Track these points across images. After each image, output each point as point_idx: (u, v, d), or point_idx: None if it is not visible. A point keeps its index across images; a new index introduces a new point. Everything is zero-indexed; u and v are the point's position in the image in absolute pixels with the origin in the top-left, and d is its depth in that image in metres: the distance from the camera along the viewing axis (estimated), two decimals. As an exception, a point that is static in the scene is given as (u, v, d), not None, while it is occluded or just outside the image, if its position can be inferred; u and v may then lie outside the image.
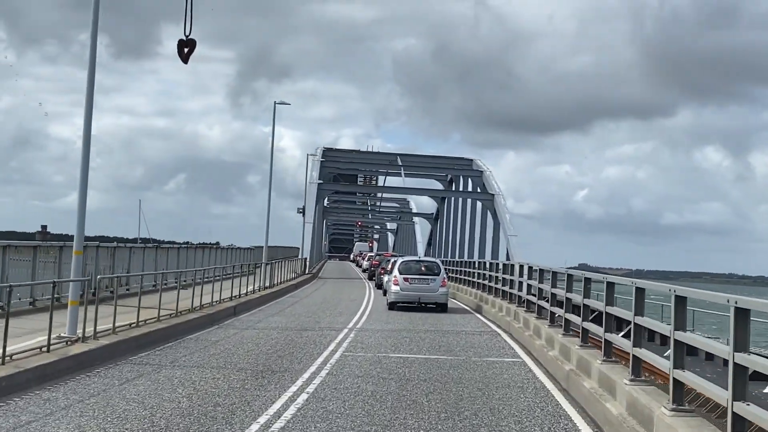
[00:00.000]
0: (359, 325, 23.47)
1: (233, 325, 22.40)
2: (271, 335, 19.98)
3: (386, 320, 25.31)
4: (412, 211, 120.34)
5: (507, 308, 24.29)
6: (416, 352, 17.58)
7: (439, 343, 19.30)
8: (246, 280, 34.50)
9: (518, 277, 24.26)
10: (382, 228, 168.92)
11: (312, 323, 23.58)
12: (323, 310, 28.40)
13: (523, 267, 23.42)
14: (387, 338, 20.02)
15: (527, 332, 19.39)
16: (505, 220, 65.52)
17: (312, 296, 36.79)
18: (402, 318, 26.33)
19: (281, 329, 21.54)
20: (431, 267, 31.29)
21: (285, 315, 26.08)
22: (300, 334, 20.52)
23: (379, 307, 31.38)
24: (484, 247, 71.38)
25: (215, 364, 14.96)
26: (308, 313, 26.90)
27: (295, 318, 25.10)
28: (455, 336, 21.19)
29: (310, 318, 25.24)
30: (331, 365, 15.11)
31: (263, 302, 30.45)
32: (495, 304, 27.18)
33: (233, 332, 20.47)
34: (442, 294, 30.28)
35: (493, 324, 25.07)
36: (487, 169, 74.33)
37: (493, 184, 71.16)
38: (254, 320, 24.00)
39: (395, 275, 30.72)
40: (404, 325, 23.86)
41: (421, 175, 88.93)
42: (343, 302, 33.35)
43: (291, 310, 27.98)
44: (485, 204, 70.37)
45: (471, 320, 26.52)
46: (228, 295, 26.84)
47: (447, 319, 26.43)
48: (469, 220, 76.36)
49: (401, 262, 31.71)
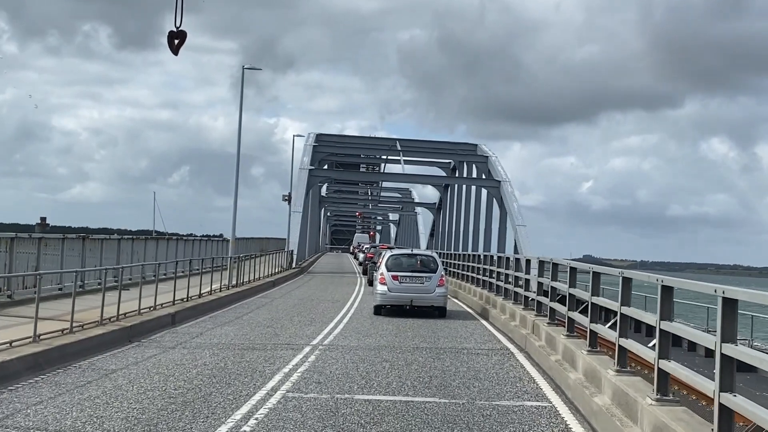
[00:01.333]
0: (329, 339, 17.98)
1: (159, 341, 16.93)
2: (199, 359, 14.48)
3: (367, 331, 19.81)
4: (414, 201, 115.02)
5: (522, 316, 18.77)
6: (396, 389, 12.07)
7: (432, 372, 13.79)
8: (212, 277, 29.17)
9: (535, 276, 18.80)
10: (384, 219, 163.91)
11: (268, 337, 18.09)
12: (291, 317, 22.90)
13: (544, 264, 17.87)
14: (359, 363, 14.51)
15: (553, 356, 13.87)
16: (512, 209, 59.89)
17: (288, 296, 31.29)
18: (388, 327, 20.82)
19: (220, 347, 16.06)
20: (426, 262, 25.77)
21: (239, 324, 20.59)
22: (242, 356, 15.02)
23: (364, 310, 25.89)
24: (489, 238, 65.92)
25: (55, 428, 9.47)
26: (270, 321, 21.41)
27: (249, 329, 19.61)
28: (454, 357, 15.66)
29: (269, 329, 19.74)
30: (255, 424, 9.62)
31: (221, 306, 24.95)
32: (505, 309, 21.66)
33: (150, 354, 14.99)
34: (440, 295, 24.76)
35: (503, 336, 19.55)
36: (493, 155, 68.67)
37: (500, 170, 65.50)
38: (193, 333, 18.51)
39: (382, 272, 25.22)
40: (388, 339, 18.33)
41: (423, 163, 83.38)
42: (323, 304, 27.85)
43: (251, 317, 22.48)
44: (491, 192, 64.77)
45: (475, 330, 20.99)
46: (170, 299, 21.35)
47: (445, 329, 20.92)
48: (473, 209, 70.76)
49: (390, 256, 26.15)
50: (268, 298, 29.92)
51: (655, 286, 8.97)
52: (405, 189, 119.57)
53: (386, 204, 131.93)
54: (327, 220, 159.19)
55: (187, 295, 22.82)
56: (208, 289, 25.62)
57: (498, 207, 64.24)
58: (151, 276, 30.06)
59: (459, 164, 75.17)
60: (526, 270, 19.78)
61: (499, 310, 22.72)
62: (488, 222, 66.85)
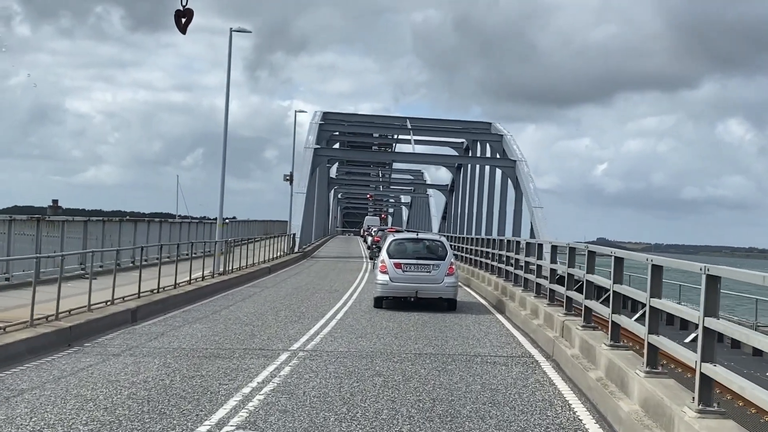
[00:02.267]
0: (314, 342, 14.90)
1: (105, 345, 13.89)
2: (142, 373, 11.42)
3: (362, 330, 16.72)
4: (426, 183, 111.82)
5: (546, 314, 15.63)
6: (386, 422, 8.97)
7: (436, 392, 10.69)
8: (203, 263, 26.31)
9: (564, 266, 15.69)
10: (396, 202, 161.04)
11: (241, 339, 15.03)
12: (278, 311, 19.84)
13: (575, 251, 14.69)
14: (344, 379, 11.41)
15: (593, 372, 10.74)
16: (528, 190, 56.59)
17: (281, 285, 28.22)
18: (387, 325, 17.72)
19: (177, 355, 13.01)
20: (433, 248, 22.62)
21: (212, 321, 17.53)
22: (198, 367, 11.96)
23: (363, 302, 22.82)
24: (504, 221, 62.69)
25: None
26: (251, 317, 18.35)
27: (223, 327, 16.56)
28: (465, 369, 12.55)
29: (247, 327, 16.67)
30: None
31: (200, 297, 21.90)
32: (525, 303, 18.53)
33: (84, 365, 11.94)
34: (449, 286, 21.63)
35: (523, 337, 16.42)
36: (508, 133, 65.31)
37: (515, 149, 62.17)
38: (153, 333, 15.46)
39: (383, 259, 22.11)
40: (386, 342, 15.22)
41: (435, 143, 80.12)
42: (318, 294, 24.79)
43: (230, 312, 19.42)
44: (506, 172, 61.48)
45: (491, 329, 17.86)
46: (134, 291, 18.33)
47: (454, 327, 17.81)
48: (487, 190, 67.54)
49: (392, 241, 23.00)
50: (258, 287, 26.86)
51: None
52: (417, 171, 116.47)
53: (398, 186, 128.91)
54: (338, 202, 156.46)
55: (158, 286, 19.78)
56: (188, 278, 22.56)
57: (513, 188, 61.08)
58: (129, 263, 27.18)
59: (472, 144, 71.83)
60: (552, 258, 16.61)
61: (518, 303, 19.58)
62: (503, 204, 63.64)
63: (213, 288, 23.73)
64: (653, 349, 9.01)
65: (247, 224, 58.23)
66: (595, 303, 12.43)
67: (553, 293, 16.42)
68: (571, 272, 14.46)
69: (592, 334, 12.12)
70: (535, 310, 17.08)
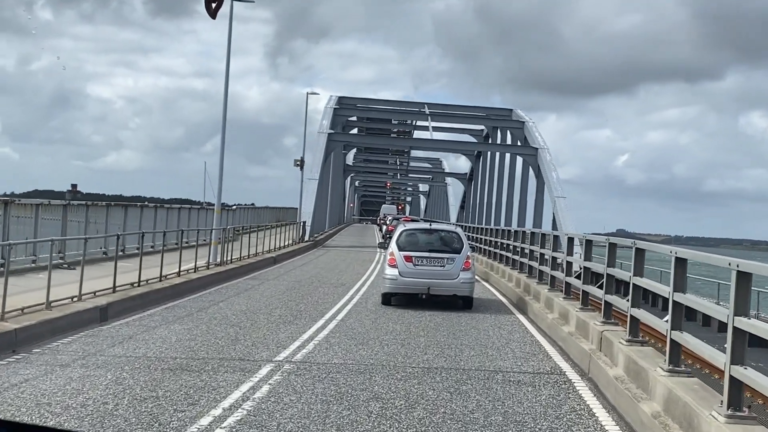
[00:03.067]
0: (306, 350, 12.68)
1: (57, 351, 11.72)
2: (83, 393, 9.24)
3: (364, 335, 14.48)
4: (444, 171, 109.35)
5: (580, 321, 13.33)
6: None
7: (445, 426, 8.44)
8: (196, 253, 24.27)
9: (602, 264, 13.41)
10: (414, 190, 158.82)
11: (221, 345, 12.83)
12: (272, 309, 17.64)
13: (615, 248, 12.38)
14: (333, 404, 9.17)
15: (646, 403, 8.44)
16: (551, 179, 54.11)
17: (283, 277, 26.02)
18: (394, 329, 15.48)
19: (138, 366, 10.82)
20: (448, 239, 20.39)
21: (194, 321, 15.35)
22: (156, 385, 9.75)
23: (370, 299, 20.61)
24: (524, 210, 60.26)
25: None
26: (239, 317, 16.15)
27: (204, 329, 14.37)
28: (483, 391, 10.27)
29: (232, 329, 14.48)
30: None
31: (188, 291, 19.73)
32: (552, 305, 16.24)
33: (18, 379, 9.77)
34: (465, 282, 19.42)
35: (551, 346, 14.14)
36: (530, 120, 62.79)
37: (536, 136, 59.68)
38: (120, 336, 13.29)
39: (392, 251, 19.93)
40: (389, 351, 12.97)
41: (454, 130, 77.70)
42: (322, 289, 22.59)
43: (217, 310, 17.22)
44: (527, 160, 59.03)
45: (513, 334, 15.57)
46: (108, 285, 16.18)
47: (471, 332, 15.55)
48: (507, 179, 65.09)
49: (402, 231, 20.77)
50: (258, 279, 24.68)
51: None
52: (435, 159, 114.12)
53: (416, 174, 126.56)
54: (355, 190, 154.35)
55: (138, 279, 17.62)
56: (177, 270, 20.39)
57: (534, 177, 58.64)
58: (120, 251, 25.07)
59: (492, 131, 69.33)
60: (586, 255, 14.29)
61: (544, 304, 17.30)
62: (523, 193, 61.20)
63: (205, 281, 21.56)
64: (736, 385, 6.75)
65: (257, 211, 56.16)
66: (644, 313, 10.13)
67: (586, 295, 14.11)
68: (612, 273, 12.14)
69: (641, 352, 9.82)
70: (564, 314, 14.78)
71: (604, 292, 12.28)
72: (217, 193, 25.77)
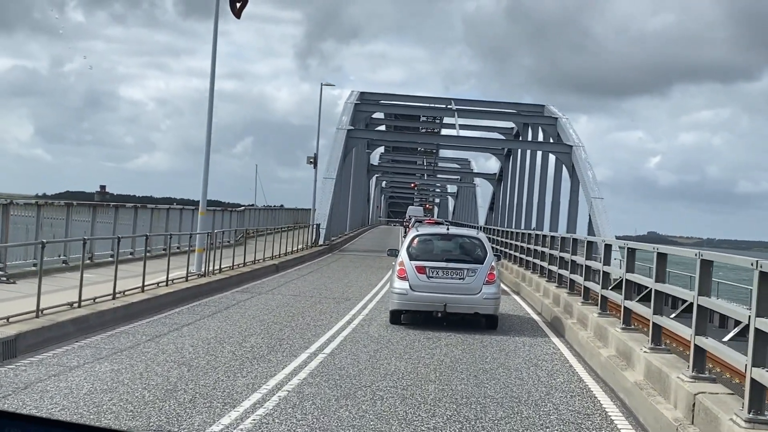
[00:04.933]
0: (266, 407, 8.94)
1: None
2: None
3: (354, 380, 10.70)
4: (473, 171, 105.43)
5: (651, 366, 9.49)
6: None
7: None
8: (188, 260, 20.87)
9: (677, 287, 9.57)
10: (442, 191, 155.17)
11: (150, 398, 9.12)
12: (246, 337, 13.89)
13: (710, 265, 8.56)
14: None
15: None
16: (587, 178, 49.98)
17: (279, 290, 22.27)
18: (396, 367, 11.69)
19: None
20: (469, 247, 16.77)
21: (134, 356, 11.62)
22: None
23: (375, 319, 16.93)
24: (557, 212, 56.25)
25: None
26: (199, 348, 12.42)
27: (141, 368, 10.66)
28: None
29: (179, 370, 10.75)
30: None
31: (148, 311, 15.98)
32: (606, 337, 12.38)
33: None
34: (489, 298, 15.87)
35: (610, 400, 10.28)
36: (563, 116, 58.69)
37: (571, 133, 55.54)
38: (14, 384, 9.60)
39: (401, 260, 16.32)
40: (383, 407, 9.17)
41: (482, 128, 73.79)
42: (320, 305, 18.87)
43: (170, 339, 13.47)
44: (560, 158, 54.99)
45: (554, 377, 11.72)
46: (26, 308, 12.56)
47: (498, 371, 11.75)
48: (538, 179, 61.01)
49: (415, 236, 17.14)
50: (248, 293, 20.99)
51: None
52: (464, 159, 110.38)
53: (444, 175, 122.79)
54: (382, 191, 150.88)
55: (79, 299, 13.97)
56: (140, 285, 16.71)
57: (568, 177, 54.57)
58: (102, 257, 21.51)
59: (523, 128, 65.25)
60: (659, 276, 10.38)
61: (594, 333, 13.45)
62: (556, 194, 57.14)
63: (178, 296, 17.90)
64: None
65: (271, 212, 52.58)
66: None
67: (659, 330, 10.23)
68: (707, 303, 8.29)
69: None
70: (625, 353, 10.93)
71: (693, 330, 8.41)
72: (202, 192, 22.05)
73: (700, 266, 8.40)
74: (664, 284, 10.07)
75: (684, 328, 8.87)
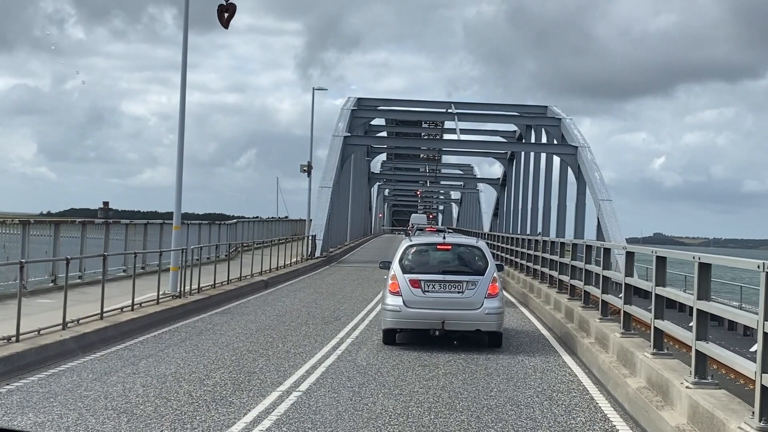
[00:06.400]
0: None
1: None
2: None
3: (336, 416, 8.73)
4: (476, 177, 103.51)
5: (695, 406, 7.51)
6: None
7: None
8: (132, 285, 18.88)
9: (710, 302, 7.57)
10: (446, 198, 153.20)
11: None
12: (211, 372, 11.90)
13: None
14: None
15: None
16: (593, 180, 47.96)
17: (265, 309, 20.27)
18: (383, 409, 9.69)
19: None
20: (468, 257, 14.95)
21: (60, 408, 9.64)
22: None
23: (366, 343, 14.97)
24: (563, 216, 54.18)
25: None
26: (150, 390, 10.44)
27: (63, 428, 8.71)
28: None
29: (109, 424, 8.79)
30: None
31: (103, 342, 13.94)
32: (633, 364, 10.41)
33: None
34: (491, 313, 14.10)
35: None
36: (567, 117, 56.71)
37: (575, 134, 53.57)
38: None
39: (393, 273, 14.51)
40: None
41: (484, 131, 71.92)
42: (305, 328, 16.88)
43: (118, 380, 11.47)
44: (565, 160, 53.02)
45: (572, 414, 9.72)
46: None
47: (506, 409, 9.76)
48: (543, 182, 59.07)
49: (408, 246, 15.35)
50: (228, 314, 19.02)
51: None
52: (467, 165, 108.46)
53: (447, 182, 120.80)
54: (384, 199, 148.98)
55: (17, 332, 11.99)
56: (98, 312, 14.74)
57: (574, 179, 52.55)
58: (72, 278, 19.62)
59: (526, 131, 63.27)
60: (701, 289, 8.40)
61: (617, 357, 11.45)
62: (562, 197, 55.12)
63: (144, 322, 15.91)
64: None
65: (266, 225, 50.65)
66: None
67: (704, 360, 8.24)
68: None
69: None
70: (662, 387, 8.93)
71: (759, 368, 6.42)
72: (176, 205, 20.07)
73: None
74: (709, 302, 8.10)
75: (749, 364, 6.89)
